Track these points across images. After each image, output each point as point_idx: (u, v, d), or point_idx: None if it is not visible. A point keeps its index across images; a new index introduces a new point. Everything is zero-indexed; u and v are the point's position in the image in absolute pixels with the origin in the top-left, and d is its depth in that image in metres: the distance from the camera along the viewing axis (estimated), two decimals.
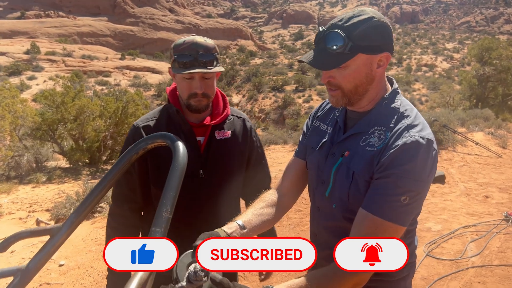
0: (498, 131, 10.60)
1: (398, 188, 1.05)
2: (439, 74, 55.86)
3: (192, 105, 1.54)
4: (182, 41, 1.51)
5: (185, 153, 1.21)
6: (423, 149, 1.06)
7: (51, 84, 30.83)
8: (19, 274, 1.18)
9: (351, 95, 1.15)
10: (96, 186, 1.31)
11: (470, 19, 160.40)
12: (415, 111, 1.17)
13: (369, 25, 1.09)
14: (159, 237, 1.04)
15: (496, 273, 3.59)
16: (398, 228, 1.07)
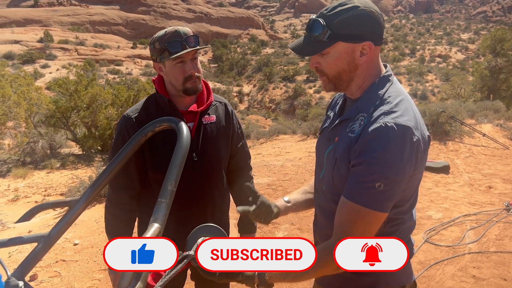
0: (507, 123, 10.56)
1: (371, 175, 1.07)
2: (453, 65, 55.05)
3: (189, 88, 1.67)
4: (164, 32, 1.64)
5: (188, 133, 1.37)
6: (396, 135, 1.06)
7: (64, 72, 31.28)
8: (42, 240, 1.36)
9: (336, 81, 1.21)
10: (109, 165, 1.48)
11: (486, 9, 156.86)
12: (400, 98, 1.16)
13: (351, 14, 1.12)
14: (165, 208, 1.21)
15: (492, 259, 3.70)
16: (377, 214, 1.09)
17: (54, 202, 1.55)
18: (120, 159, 1.49)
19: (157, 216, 1.19)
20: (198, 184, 1.76)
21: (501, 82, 16.98)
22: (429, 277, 3.41)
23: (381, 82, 1.20)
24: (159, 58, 1.66)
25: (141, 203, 1.82)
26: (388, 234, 1.20)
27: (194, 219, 1.79)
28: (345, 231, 1.12)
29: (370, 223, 1.10)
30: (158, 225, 1.17)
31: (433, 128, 8.66)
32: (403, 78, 39.48)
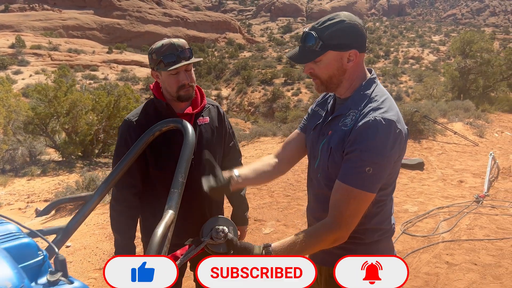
0: (476, 121, 11.10)
1: (362, 160, 1.25)
2: (425, 66, 56.60)
3: (182, 95, 1.84)
4: (161, 44, 1.80)
5: (193, 132, 1.56)
6: (383, 127, 1.25)
7: (37, 78, 30.54)
8: (61, 232, 1.51)
9: (327, 83, 1.42)
10: (120, 162, 1.64)
11: (456, 12, 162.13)
12: (385, 97, 1.37)
13: (338, 27, 1.33)
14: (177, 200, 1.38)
15: (463, 246, 4.00)
16: (367, 194, 1.28)
17: (71, 197, 1.70)
18: (130, 157, 1.66)
19: (171, 203, 1.37)
20: (195, 181, 1.94)
21: (471, 83, 17.70)
22: (407, 264, 3.67)
23: (368, 83, 1.41)
24: (156, 68, 1.83)
25: (143, 200, 1.97)
26: (375, 213, 1.40)
27: (194, 213, 1.96)
28: (339, 209, 1.30)
29: (361, 202, 1.28)
30: (172, 211, 1.35)
31: (407, 127, 9.04)
32: (379, 79, 40.34)
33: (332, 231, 1.29)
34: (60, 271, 1.04)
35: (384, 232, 1.47)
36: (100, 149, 11.71)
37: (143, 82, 39.65)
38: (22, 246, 1.00)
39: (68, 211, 5.50)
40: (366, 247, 1.43)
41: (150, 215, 1.95)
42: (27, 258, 1.00)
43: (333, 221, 1.30)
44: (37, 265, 1.02)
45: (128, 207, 1.91)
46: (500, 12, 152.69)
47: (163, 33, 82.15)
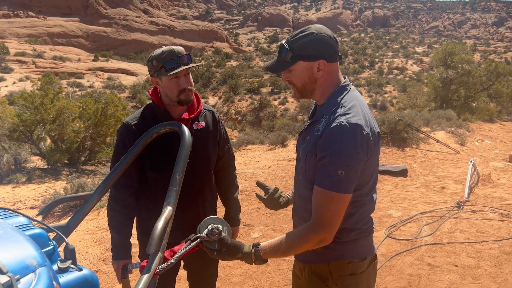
0: (458, 130, 11.42)
1: (333, 164, 1.33)
2: (409, 77, 57.61)
3: (183, 99, 1.94)
4: (161, 51, 1.90)
5: (189, 134, 1.65)
6: (348, 131, 1.33)
7: (21, 85, 30.09)
8: (61, 230, 1.58)
9: (301, 91, 1.54)
10: (118, 163, 1.73)
11: (438, 24, 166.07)
12: (353, 103, 1.43)
13: (307, 39, 1.44)
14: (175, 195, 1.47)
15: (445, 249, 4.15)
16: (343, 196, 1.35)
17: (71, 196, 1.76)
18: (128, 158, 1.74)
19: (170, 200, 1.47)
20: (191, 183, 2.02)
21: (452, 93, 18.18)
22: (391, 266, 3.79)
23: (339, 90, 1.50)
24: (157, 74, 1.92)
25: (139, 200, 2.05)
26: (351, 214, 1.47)
27: (189, 213, 2.05)
28: (320, 212, 1.37)
29: (338, 203, 1.36)
30: (170, 208, 1.45)
31: (391, 135, 9.27)
32: (364, 89, 41.00)
33: (315, 233, 1.37)
34: (70, 259, 1.12)
35: (361, 231, 1.51)
36: (86, 157, 11.63)
37: (129, 90, 39.39)
38: (36, 235, 1.08)
39: (56, 218, 5.49)
40: (344, 245, 1.49)
41: (147, 214, 2.02)
42: (40, 247, 1.07)
43: (315, 223, 1.38)
44: (48, 254, 1.10)
45: (125, 207, 1.99)
46: (481, 24, 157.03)
47: (150, 41, 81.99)
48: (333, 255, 1.50)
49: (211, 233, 1.42)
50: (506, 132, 14.41)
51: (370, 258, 1.57)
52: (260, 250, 1.41)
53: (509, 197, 5.91)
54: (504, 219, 4.99)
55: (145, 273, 1.21)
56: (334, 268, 1.51)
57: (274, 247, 1.41)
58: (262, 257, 1.41)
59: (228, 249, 1.40)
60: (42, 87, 10.66)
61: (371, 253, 1.57)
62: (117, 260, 1.97)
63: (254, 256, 1.41)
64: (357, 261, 1.51)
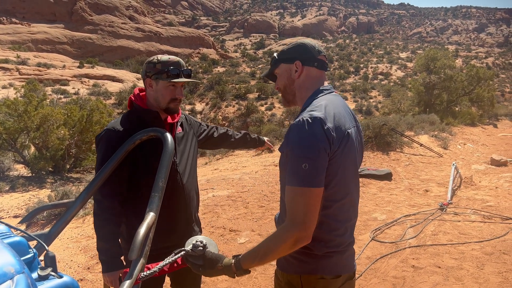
0: (441, 134, 11.63)
1: (296, 158, 1.32)
2: (394, 82, 58.44)
3: (171, 108, 2.00)
4: (167, 58, 1.96)
5: (172, 140, 1.67)
6: (309, 124, 1.33)
7: (4, 93, 29.65)
8: (43, 238, 1.58)
9: (284, 94, 1.67)
10: (100, 170, 1.73)
11: (421, 30, 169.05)
12: (324, 102, 1.45)
13: (291, 46, 1.63)
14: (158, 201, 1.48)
15: (428, 251, 4.22)
16: (311, 190, 1.30)
17: (53, 204, 1.75)
18: (112, 164, 1.75)
19: (152, 206, 1.48)
20: (179, 186, 2.05)
21: (435, 97, 18.51)
22: (376, 269, 3.84)
23: (314, 94, 1.56)
24: (155, 77, 1.95)
25: (129, 207, 2.01)
26: (321, 221, 1.40)
27: (181, 216, 2.08)
28: (291, 210, 1.33)
29: (308, 198, 1.30)
30: (153, 213, 1.46)
31: (376, 140, 9.38)
32: (349, 95, 41.44)
33: (289, 232, 1.32)
34: (50, 267, 1.12)
35: (333, 245, 1.45)
36: (72, 164, 11.48)
37: (115, 97, 39.05)
38: (15, 243, 1.08)
39: (40, 226, 5.41)
40: (316, 259, 1.44)
41: (136, 221, 2.00)
42: (20, 255, 1.07)
43: (288, 222, 1.34)
44: (28, 262, 1.10)
45: (115, 215, 1.95)
46: (462, 30, 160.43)
47: (136, 48, 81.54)
48: (305, 268, 1.46)
49: (195, 248, 1.44)
50: (487, 136, 14.73)
51: (346, 276, 1.51)
52: (240, 259, 1.41)
53: (490, 199, 6.04)
54: (485, 220, 5.09)
55: (127, 279, 1.21)
56: (306, 282, 1.46)
57: (253, 253, 1.40)
58: (243, 267, 1.39)
59: (208, 261, 1.40)
60: (26, 94, 10.51)
61: (347, 271, 1.51)
62: (113, 272, 1.89)
63: (234, 267, 1.39)
64: (330, 277, 1.45)
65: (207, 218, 4.97)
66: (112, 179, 1.86)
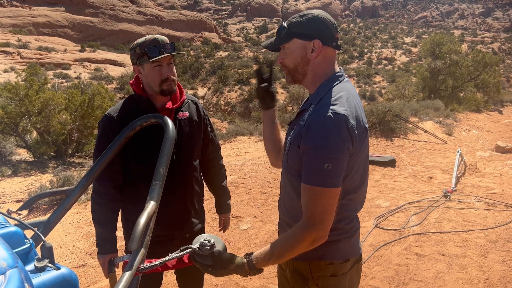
0: (445, 120, 11.53)
1: (318, 158, 1.26)
2: (398, 67, 57.91)
3: (165, 89, 1.90)
4: (144, 39, 1.87)
5: (173, 127, 1.60)
6: (333, 122, 1.26)
7: (6, 77, 29.53)
8: (42, 226, 1.53)
9: (293, 73, 1.47)
10: (101, 156, 1.68)
11: (427, 14, 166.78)
12: (342, 93, 1.36)
13: (305, 18, 1.41)
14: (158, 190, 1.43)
15: (432, 238, 4.19)
16: (331, 190, 1.28)
17: (52, 191, 1.71)
18: (111, 151, 1.70)
19: (153, 195, 1.43)
20: (176, 173, 1.99)
21: (440, 83, 18.31)
22: (379, 256, 3.82)
23: (330, 80, 1.44)
24: (139, 62, 1.88)
25: (124, 193, 2.01)
26: (337, 212, 1.38)
27: (176, 204, 2.02)
28: (309, 210, 1.30)
29: (328, 199, 1.29)
30: (154, 202, 1.41)
31: (380, 126, 9.31)
32: (353, 80, 41.11)
33: (307, 231, 1.30)
34: (47, 258, 1.08)
35: (342, 232, 1.44)
36: (74, 149, 11.46)
37: (117, 81, 38.88)
38: (10, 234, 1.03)
39: (42, 211, 5.41)
40: (325, 245, 1.40)
41: (132, 208, 1.99)
42: (15, 246, 1.03)
43: (306, 221, 1.31)
44: (24, 253, 1.06)
45: (109, 200, 1.95)
46: (469, 15, 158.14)
47: (138, 31, 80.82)
48: (314, 255, 1.43)
49: (202, 246, 1.39)
50: (492, 122, 14.61)
51: (354, 260, 1.51)
52: (253, 259, 1.36)
53: (494, 186, 5.99)
54: (490, 208, 5.05)
55: (127, 270, 1.17)
56: (315, 268, 1.46)
57: (267, 253, 1.35)
58: (256, 266, 1.35)
59: (220, 262, 1.35)
60: (27, 79, 10.42)
61: (354, 255, 1.51)
62: (103, 255, 1.94)
63: (247, 267, 1.35)
64: (339, 262, 1.45)
65: (209, 204, 4.92)
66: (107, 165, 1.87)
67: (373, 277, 3.43)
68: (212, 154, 2.22)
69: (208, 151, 2.19)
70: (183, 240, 1.96)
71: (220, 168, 2.27)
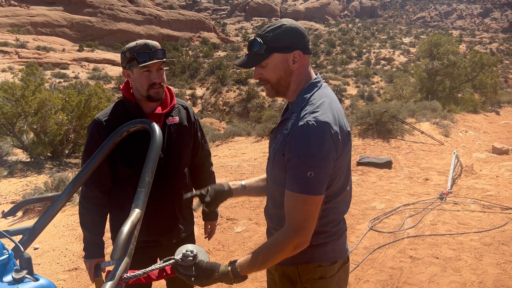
0: (442, 121, 11.53)
1: (302, 166, 1.28)
2: (396, 67, 57.97)
3: (152, 95, 1.89)
4: (135, 43, 1.86)
5: (160, 133, 1.59)
6: (316, 130, 1.27)
7: (3, 76, 29.47)
8: (28, 233, 1.52)
9: (277, 87, 1.46)
10: (87, 162, 1.66)
11: (425, 15, 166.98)
12: (322, 100, 1.38)
13: (280, 30, 1.39)
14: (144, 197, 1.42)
15: (427, 241, 4.18)
16: (314, 197, 1.30)
17: (37, 198, 1.69)
18: (98, 156, 1.68)
19: (138, 202, 1.41)
20: (165, 179, 1.97)
21: (438, 84, 18.32)
22: (373, 259, 3.81)
23: (309, 87, 1.45)
24: (128, 66, 1.87)
25: (112, 198, 2.00)
26: (320, 216, 1.40)
27: (163, 209, 2.00)
28: (292, 216, 1.32)
29: (310, 206, 1.31)
30: (139, 210, 1.39)
31: (377, 127, 9.30)
32: (351, 80, 41.08)
33: (289, 238, 1.32)
34: (26, 269, 1.07)
35: (330, 234, 1.47)
36: (70, 149, 11.45)
37: (115, 81, 38.85)
38: None
39: (37, 213, 5.38)
40: (312, 249, 1.44)
41: (120, 213, 1.97)
42: None
43: (289, 228, 1.33)
44: (2, 264, 1.05)
45: (97, 204, 1.95)
46: (467, 15, 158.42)
47: (136, 31, 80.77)
48: (302, 259, 1.45)
49: (185, 257, 1.38)
50: (489, 123, 14.63)
51: (341, 262, 1.53)
52: (237, 266, 1.36)
53: (490, 188, 5.99)
54: (485, 210, 5.05)
55: (109, 280, 1.16)
56: (303, 271, 1.47)
57: (251, 260, 1.36)
58: (241, 274, 1.36)
59: (204, 271, 1.35)
60: (23, 79, 10.40)
61: (342, 257, 1.53)
62: (90, 259, 1.94)
63: (232, 274, 1.36)
64: (327, 265, 1.47)
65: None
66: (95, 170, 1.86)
67: (367, 281, 3.42)
68: (201, 160, 2.21)
69: (198, 156, 2.18)
70: (171, 246, 1.95)
71: (210, 175, 2.25)
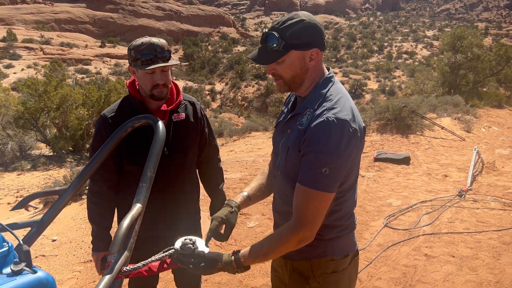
0: (464, 116, 11.23)
1: (318, 162, 1.26)
2: (419, 61, 56.76)
3: (155, 95, 1.88)
4: (140, 42, 1.82)
5: (163, 128, 1.60)
6: (336, 127, 1.26)
7: (29, 72, 30.29)
8: (35, 225, 1.55)
9: (290, 83, 1.42)
10: (93, 157, 1.68)
11: (449, 7, 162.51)
12: (339, 96, 1.36)
13: (299, 26, 1.32)
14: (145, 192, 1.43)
15: (443, 239, 4.09)
16: (325, 195, 1.29)
17: (46, 191, 1.73)
18: (104, 151, 1.70)
19: (139, 197, 1.42)
20: (170, 176, 1.98)
21: (461, 78, 17.82)
22: (387, 257, 3.75)
23: (324, 82, 1.41)
24: (134, 64, 1.86)
25: (119, 193, 2.02)
26: (334, 211, 1.42)
27: (169, 205, 2.02)
28: (300, 211, 1.31)
29: (320, 202, 1.30)
30: (140, 205, 1.40)
31: (396, 122, 9.13)
32: (372, 74, 40.46)
33: (295, 232, 1.31)
34: (24, 262, 1.09)
35: (343, 228, 1.47)
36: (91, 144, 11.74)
37: None
38: None
39: (49, 206, 5.53)
40: (326, 243, 1.45)
41: (126, 208, 2.00)
42: None
43: (295, 222, 1.32)
44: (2, 256, 1.07)
45: (104, 199, 1.98)
46: (493, 7, 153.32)
47: (157, 27, 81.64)
48: (315, 253, 1.46)
49: (184, 245, 1.38)
50: None
51: (352, 255, 1.53)
52: (240, 257, 1.37)
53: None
54: (506, 208, 4.90)
55: (107, 274, 1.17)
56: (316, 265, 1.47)
57: (255, 251, 1.37)
58: (243, 264, 1.36)
59: (207, 261, 1.36)
60: (45, 75, 10.67)
61: (353, 250, 1.53)
62: (97, 252, 1.98)
63: (235, 264, 1.36)
64: (339, 258, 1.48)
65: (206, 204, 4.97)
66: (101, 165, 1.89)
67: (379, 278, 3.38)
68: (209, 156, 2.20)
69: (205, 152, 2.17)
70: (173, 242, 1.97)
71: (217, 171, 2.25)
